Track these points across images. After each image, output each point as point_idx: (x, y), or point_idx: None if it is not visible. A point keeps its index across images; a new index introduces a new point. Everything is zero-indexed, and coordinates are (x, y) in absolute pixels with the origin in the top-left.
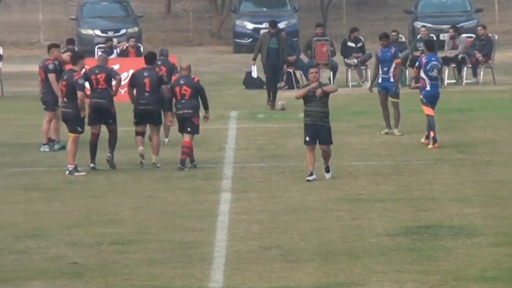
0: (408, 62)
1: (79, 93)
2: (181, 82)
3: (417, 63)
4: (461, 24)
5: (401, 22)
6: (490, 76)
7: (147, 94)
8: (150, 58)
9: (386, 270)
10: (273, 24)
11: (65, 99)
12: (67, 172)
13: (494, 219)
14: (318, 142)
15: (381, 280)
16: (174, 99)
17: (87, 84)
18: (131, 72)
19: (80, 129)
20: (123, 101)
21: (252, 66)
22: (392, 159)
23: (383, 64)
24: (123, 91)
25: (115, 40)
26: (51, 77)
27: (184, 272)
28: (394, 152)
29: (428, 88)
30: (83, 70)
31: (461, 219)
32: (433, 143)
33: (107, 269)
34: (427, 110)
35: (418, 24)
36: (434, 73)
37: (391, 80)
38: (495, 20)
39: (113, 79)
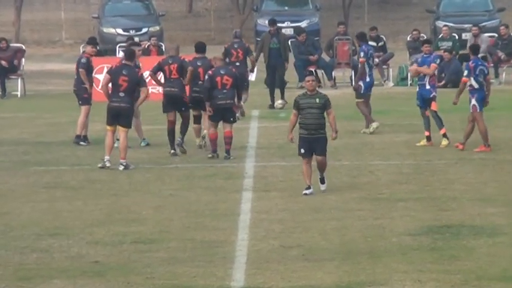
0: None
1: (145, 89)
2: (222, 72)
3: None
4: (484, 24)
5: (423, 21)
6: None
7: (200, 82)
8: (201, 47)
9: (407, 269)
10: (272, 22)
11: (122, 94)
12: (122, 167)
13: None
14: (313, 153)
15: (403, 279)
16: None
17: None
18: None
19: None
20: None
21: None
22: (414, 159)
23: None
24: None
25: (136, 39)
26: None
27: (205, 271)
28: (415, 151)
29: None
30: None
31: (483, 218)
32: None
33: (128, 267)
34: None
35: (440, 23)
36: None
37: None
38: None
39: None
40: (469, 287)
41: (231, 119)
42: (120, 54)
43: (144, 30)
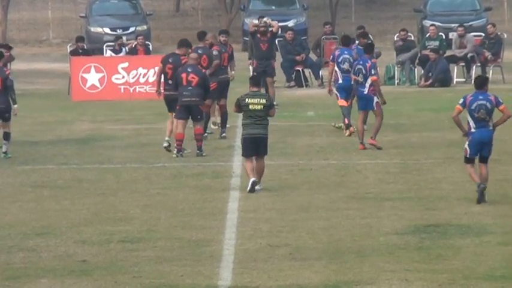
0: (417, 61)
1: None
2: (189, 70)
3: (332, 57)
4: (471, 23)
5: (410, 21)
6: (499, 75)
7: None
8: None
9: (394, 268)
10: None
11: (170, 81)
12: (166, 144)
13: (503, 218)
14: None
15: (390, 279)
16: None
17: None
18: (140, 70)
19: None
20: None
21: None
22: (401, 158)
23: None
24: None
25: (124, 38)
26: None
27: (193, 270)
28: (403, 151)
29: (340, 81)
30: None
31: (470, 218)
32: (347, 128)
33: (115, 267)
34: (341, 102)
35: (427, 22)
36: (346, 66)
37: None
38: (504, 19)
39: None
40: (456, 286)
41: (198, 117)
42: (108, 53)
43: (132, 29)
